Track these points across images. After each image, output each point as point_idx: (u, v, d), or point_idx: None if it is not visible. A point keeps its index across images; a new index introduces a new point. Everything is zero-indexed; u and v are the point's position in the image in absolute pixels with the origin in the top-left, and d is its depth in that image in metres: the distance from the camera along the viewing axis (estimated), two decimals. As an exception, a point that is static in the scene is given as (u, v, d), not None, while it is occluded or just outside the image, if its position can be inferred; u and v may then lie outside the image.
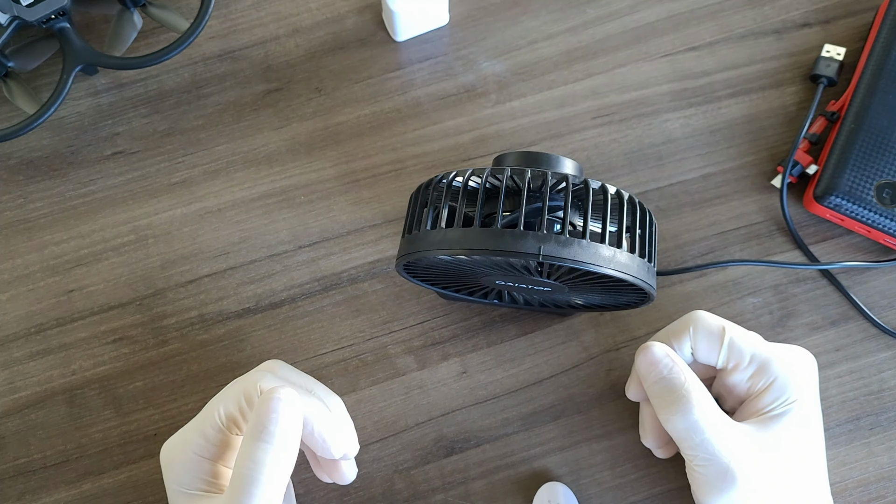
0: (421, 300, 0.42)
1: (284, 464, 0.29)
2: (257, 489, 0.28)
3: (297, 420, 0.30)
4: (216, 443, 0.31)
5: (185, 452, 0.31)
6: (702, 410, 0.32)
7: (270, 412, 0.29)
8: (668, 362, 0.33)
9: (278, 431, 0.29)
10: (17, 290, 0.42)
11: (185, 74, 0.46)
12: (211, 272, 0.42)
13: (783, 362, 0.34)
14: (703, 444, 0.32)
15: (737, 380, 0.35)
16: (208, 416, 0.32)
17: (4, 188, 0.44)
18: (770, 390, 0.34)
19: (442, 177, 0.33)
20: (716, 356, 0.34)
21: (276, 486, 0.29)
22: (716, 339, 0.34)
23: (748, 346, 0.34)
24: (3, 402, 0.40)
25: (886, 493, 0.39)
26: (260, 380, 0.32)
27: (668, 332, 0.36)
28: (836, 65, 0.44)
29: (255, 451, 0.29)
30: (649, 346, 0.35)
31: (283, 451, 0.29)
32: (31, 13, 0.42)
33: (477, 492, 0.39)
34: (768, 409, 0.33)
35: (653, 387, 0.34)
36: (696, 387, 0.33)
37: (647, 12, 0.47)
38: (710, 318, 0.35)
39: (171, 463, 0.32)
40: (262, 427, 0.29)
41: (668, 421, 0.33)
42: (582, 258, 0.30)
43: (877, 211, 0.40)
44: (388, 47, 0.46)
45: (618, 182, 0.44)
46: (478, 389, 0.40)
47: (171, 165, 0.44)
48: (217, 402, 0.32)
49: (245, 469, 0.28)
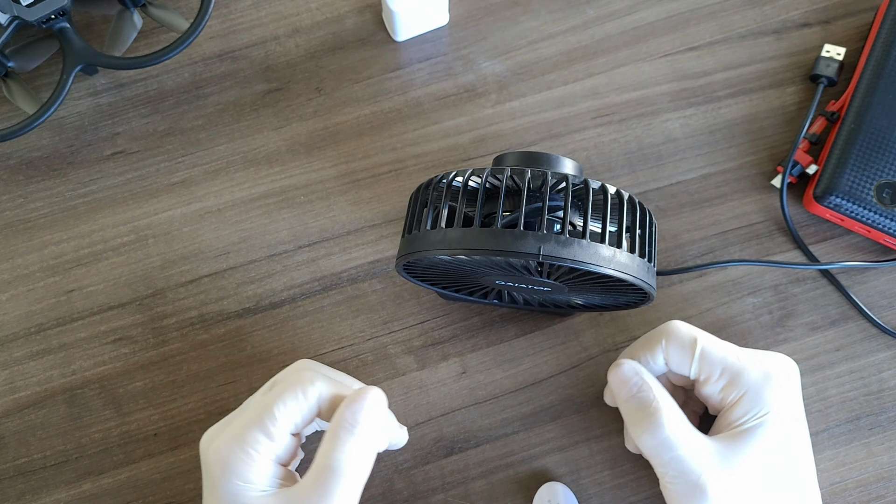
0: (421, 300, 0.42)
1: (370, 459, 0.31)
2: (345, 481, 0.30)
3: (382, 418, 0.32)
4: (279, 440, 0.31)
5: (245, 451, 0.30)
6: (671, 428, 0.32)
7: (362, 409, 0.31)
8: (638, 381, 0.34)
9: (368, 428, 0.31)
10: (17, 290, 0.42)
11: (185, 74, 0.46)
12: (211, 272, 0.42)
13: (757, 373, 0.33)
14: (672, 461, 0.32)
15: (709, 391, 0.34)
16: (266, 414, 0.31)
17: (4, 188, 0.44)
18: (741, 403, 0.33)
19: (442, 177, 0.33)
20: (688, 368, 0.34)
21: (361, 479, 0.31)
22: (687, 351, 0.34)
23: (719, 358, 0.33)
24: (3, 402, 0.40)
25: (886, 493, 0.39)
26: (313, 379, 0.32)
27: (642, 343, 0.36)
28: (836, 65, 0.44)
29: (345, 444, 0.30)
30: (619, 363, 0.35)
31: (370, 447, 0.31)
32: (31, 13, 0.42)
33: (477, 492, 0.39)
34: (740, 422, 0.33)
35: (623, 405, 0.34)
36: (665, 404, 0.33)
37: (647, 12, 0.47)
38: (683, 330, 0.34)
39: (229, 462, 0.31)
40: (354, 423, 0.31)
41: (638, 438, 0.33)
42: (582, 258, 0.30)
43: (877, 211, 0.40)
44: (388, 47, 0.46)
45: (618, 182, 0.44)
46: (477, 389, 0.40)
47: (171, 165, 0.44)
48: (274, 401, 0.31)
49: (333, 461, 0.30)
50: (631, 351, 0.36)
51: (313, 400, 0.32)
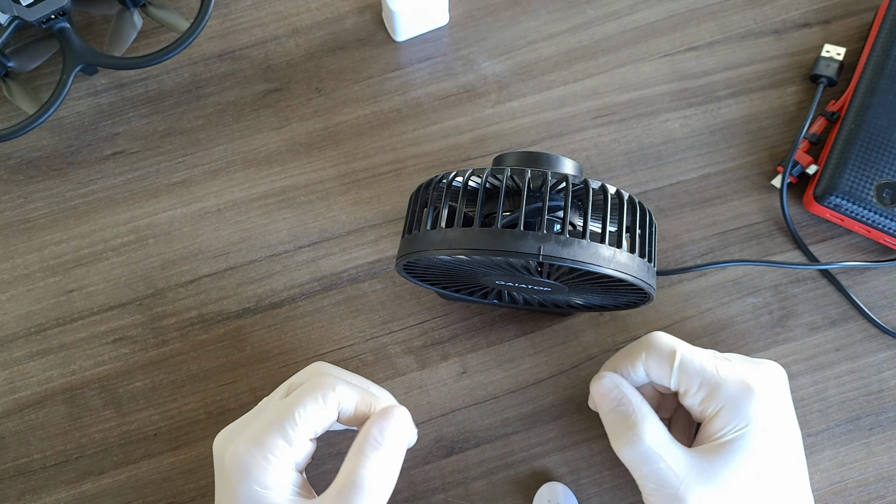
0: (421, 300, 0.42)
1: (394, 476, 0.31)
2: (368, 497, 0.30)
3: (407, 436, 0.33)
4: (298, 445, 0.31)
5: (265, 456, 0.30)
6: (650, 441, 0.32)
7: (389, 427, 0.32)
8: (618, 394, 0.34)
9: (393, 446, 0.31)
10: (17, 290, 0.42)
11: (185, 74, 0.46)
12: (211, 272, 0.42)
13: (736, 386, 0.33)
14: (651, 474, 0.32)
15: (689, 403, 0.34)
16: (287, 418, 0.31)
17: (4, 188, 0.44)
18: (719, 416, 0.33)
19: (442, 177, 0.33)
20: (667, 380, 0.34)
21: (384, 496, 0.31)
22: (666, 363, 0.34)
23: (697, 371, 0.33)
24: (3, 402, 0.40)
25: (886, 493, 0.39)
26: (334, 385, 0.32)
27: (623, 355, 0.36)
28: (836, 65, 0.44)
29: (371, 461, 0.31)
30: (601, 376, 0.35)
31: (394, 465, 0.32)
32: (31, 13, 0.42)
33: (477, 492, 0.39)
34: (719, 434, 0.33)
35: (604, 417, 0.35)
36: (645, 417, 0.33)
37: (647, 12, 0.47)
38: (663, 342, 0.34)
39: (248, 466, 0.30)
40: (381, 440, 0.31)
41: (618, 451, 0.33)
42: (582, 258, 0.30)
43: (877, 211, 0.40)
44: (388, 47, 0.46)
45: (618, 182, 0.44)
46: (477, 389, 0.40)
47: (171, 165, 0.44)
48: (295, 405, 0.31)
49: (358, 477, 0.30)
50: (613, 362, 0.36)
51: (334, 406, 0.32)
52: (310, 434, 0.31)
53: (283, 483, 0.30)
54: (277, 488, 0.30)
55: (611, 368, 0.36)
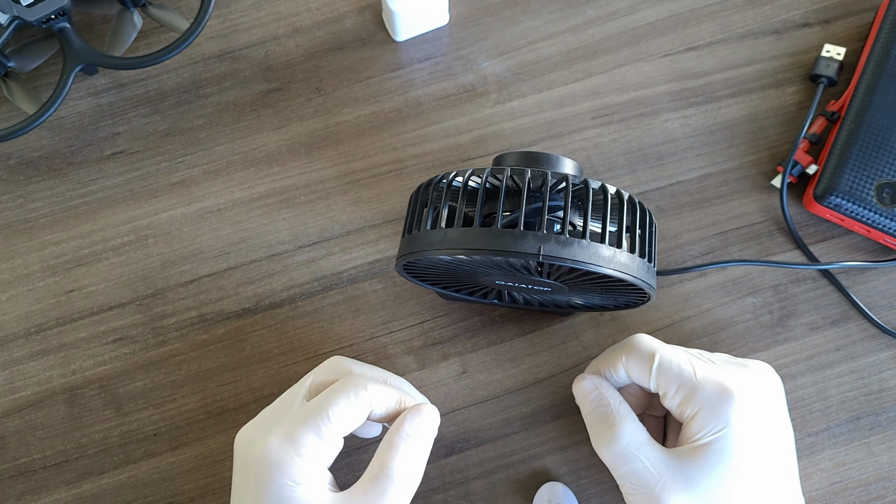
0: (421, 300, 0.42)
1: (422, 469, 0.33)
2: (399, 488, 0.31)
3: (435, 432, 0.34)
4: (330, 443, 0.32)
5: (298, 452, 0.31)
6: (627, 442, 0.33)
7: (421, 423, 0.33)
8: (597, 395, 0.35)
9: (424, 440, 0.33)
10: (17, 290, 0.42)
11: (185, 74, 0.46)
12: (211, 272, 0.42)
13: (713, 390, 0.33)
14: (628, 473, 0.33)
15: (669, 405, 0.34)
16: (320, 416, 0.31)
17: (4, 188, 0.44)
18: (696, 419, 0.33)
19: (442, 177, 0.33)
20: (647, 382, 0.34)
21: (413, 488, 0.32)
22: (645, 366, 0.34)
23: (675, 375, 0.33)
24: (3, 402, 0.40)
25: (886, 493, 0.39)
26: (365, 384, 0.32)
27: (605, 357, 0.36)
28: (836, 65, 0.44)
29: (402, 453, 0.32)
30: (582, 378, 0.36)
31: (423, 458, 0.33)
32: (31, 13, 0.42)
33: (477, 492, 0.39)
34: (696, 437, 0.33)
35: (585, 418, 0.36)
36: (623, 418, 0.34)
37: (647, 12, 0.47)
38: (644, 344, 0.35)
39: (281, 461, 0.31)
40: (413, 434, 0.32)
41: (598, 451, 0.34)
42: (582, 258, 0.30)
43: (877, 211, 0.40)
44: (388, 47, 0.46)
45: (618, 182, 0.44)
46: (478, 389, 0.40)
47: (171, 165, 0.44)
48: (328, 403, 0.31)
49: (389, 469, 0.31)
50: (595, 364, 0.37)
51: (366, 404, 0.32)
52: (342, 432, 0.32)
53: (315, 479, 0.31)
54: (308, 483, 0.31)
55: (594, 370, 0.37)
